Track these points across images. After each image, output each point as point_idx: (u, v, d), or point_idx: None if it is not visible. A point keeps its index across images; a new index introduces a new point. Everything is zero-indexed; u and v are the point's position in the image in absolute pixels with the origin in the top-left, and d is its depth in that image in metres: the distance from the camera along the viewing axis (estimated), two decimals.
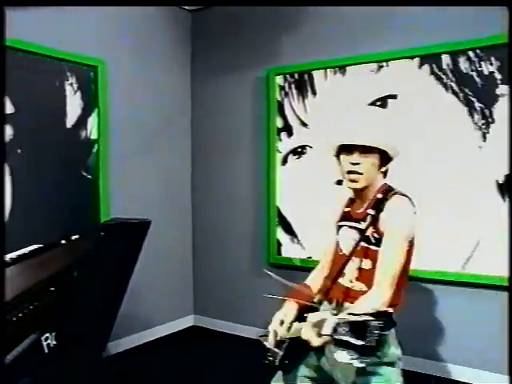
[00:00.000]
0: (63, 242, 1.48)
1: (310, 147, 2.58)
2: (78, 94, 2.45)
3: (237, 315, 2.96)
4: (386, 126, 1.29)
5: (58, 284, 0.97)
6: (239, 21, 2.90)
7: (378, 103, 2.34)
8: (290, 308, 1.40)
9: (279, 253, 2.73)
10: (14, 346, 0.81)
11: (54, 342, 1.07)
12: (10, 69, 2.16)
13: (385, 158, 1.30)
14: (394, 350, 1.26)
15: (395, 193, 1.30)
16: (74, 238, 1.54)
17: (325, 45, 2.55)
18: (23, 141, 2.23)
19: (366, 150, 1.25)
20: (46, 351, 1.06)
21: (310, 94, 2.57)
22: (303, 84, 2.58)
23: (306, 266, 2.58)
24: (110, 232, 0.94)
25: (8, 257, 1.31)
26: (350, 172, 1.29)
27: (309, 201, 2.58)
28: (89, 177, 2.51)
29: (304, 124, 2.60)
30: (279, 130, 2.69)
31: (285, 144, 2.67)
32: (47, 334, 1.05)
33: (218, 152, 3.03)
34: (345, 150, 1.30)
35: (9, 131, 2.18)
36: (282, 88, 2.67)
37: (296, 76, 2.61)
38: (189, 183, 3.16)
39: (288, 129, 2.66)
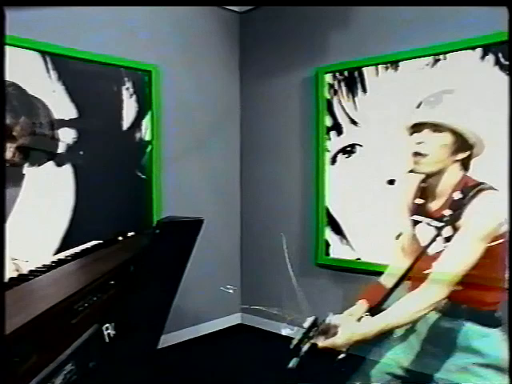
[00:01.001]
0: (120, 238, 1.58)
1: (361, 146, 2.52)
2: (134, 97, 2.58)
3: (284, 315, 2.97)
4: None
5: (117, 278, 1.03)
6: (287, 20, 2.89)
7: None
8: (359, 306, 1.37)
9: (327, 253, 2.70)
10: (81, 334, 0.87)
11: (114, 332, 1.13)
12: (74, 77, 2.33)
13: (462, 143, 1.14)
14: (499, 353, 1.15)
15: (481, 189, 1.14)
16: (129, 234, 1.63)
17: (375, 40, 2.46)
18: (85, 143, 2.38)
19: (433, 128, 1.14)
20: (107, 340, 1.12)
21: (360, 91, 2.51)
22: (353, 81, 2.53)
23: (356, 268, 2.53)
24: (165, 229, 0.99)
25: (72, 251, 1.41)
26: (414, 154, 1.19)
27: (359, 201, 2.52)
28: (143, 176, 2.63)
29: (354, 122, 2.54)
30: (328, 129, 2.65)
31: (334, 143, 2.63)
32: (107, 324, 1.12)
33: (266, 152, 3.05)
34: (413, 129, 1.20)
35: (72, 134, 2.34)
36: (331, 86, 2.63)
37: (346, 73, 2.56)
38: (238, 183, 3.21)
39: (337, 127, 2.61)
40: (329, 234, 2.68)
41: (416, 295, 1.19)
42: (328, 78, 2.64)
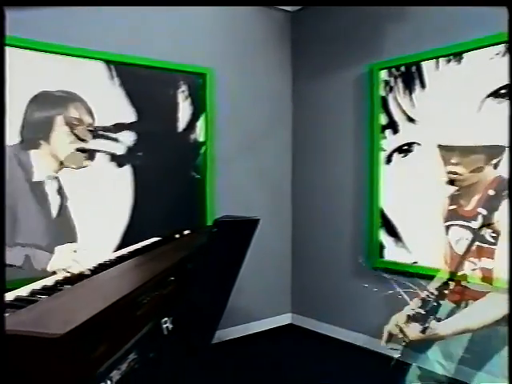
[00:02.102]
0: (177, 236, 1.64)
1: (418, 144, 2.41)
2: (189, 100, 2.66)
3: (335, 317, 2.92)
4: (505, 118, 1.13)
5: (176, 274, 1.07)
6: (339, 17, 2.84)
7: (502, 91, 2.06)
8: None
9: (381, 256, 2.61)
10: (143, 326, 0.92)
11: (171, 326, 1.18)
12: (134, 83, 2.45)
13: (495, 151, 1.14)
14: None
15: None
16: (186, 232, 1.69)
17: (435, 31, 2.32)
18: (143, 144, 2.50)
19: (467, 150, 1.12)
20: (165, 333, 1.17)
21: (418, 87, 2.39)
22: (411, 77, 2.42)
23: (412, 272, 2.42)
24: (221, 228, 1.01)
25: (134, 247, 1.49)
26: (449, 172, 1.17)
27: (416, 202, 2.41)
28: (197, 176, 2.71)
29: (411, 120, 2.43)
30: (383, 128, 2.56)
31: (389, 142, 2.54)
32: (166, 318, 1.16)
33: (318, 152, 3.02)
34: (445, 149, 1.18)
35: (132, 137, 2.47)
36: (386, 83, 2.54)
37: (402, 69, 2.46)
38: (289, 183, 3.21)
39: (393, 126, 2.52)
40: (383, 236, 2.59)
41: (494, 301, 1.13)
42: (383, 74, 2.55)
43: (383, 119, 2.56)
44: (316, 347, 2.81)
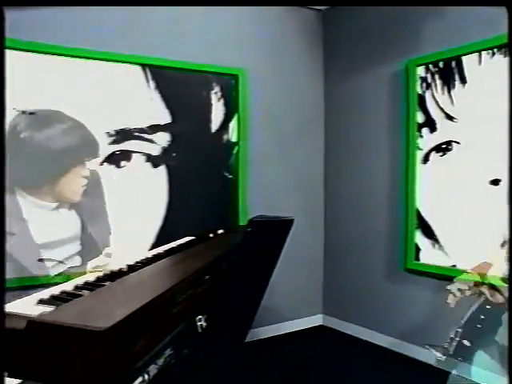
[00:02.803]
0: (211, 235, 1.66)
1: (457, 143, 2.32)
2: (222, 101, 2.70)
3: (367, 320, 2.86)
4: None
5: (211, 273, 1.09)
6: (372, 15, 2.78)
7: None
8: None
9: (417, 258, 2.54)
10: (179, 323, 0.94)
11: (205, 324, 1.20)
12: (168, 85, 2.51)
13: None
14: None
15: None
16: (219, 232, 1.71)
17: (478, 23, 2.20)
18: (177, 145, 2.56)
19: None
20: (200, 331, 1.19)
21: (457, 83, 2.30)
22: (450, 72, 2.32)
23: (450, 276, 2.34)
24: (256, 228, 1.02)
25: (169, 246, 1.53)
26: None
27: (455, 203, 2.32)
28: (230, 176, 2.74)
29: (450, 117, 2.34)
30: (420, 126, 2.49)
31: (426, 141, 2.46)
32: (200, 316, 1.18)
33: (351, 151, 2.98)
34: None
35: (167, 138, 2.53)
36: (423, 80, 2.46)
37: (441, 65, 2.37)
38: (322, 183, 3.18)
39: (430, 124, 2.44)
40: (419, 238, 2.52)
41: None
42: (420, 70, 2.47)
43: (420, 117, 2.48)
44: (347, 349, 2.77)
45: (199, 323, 1.17)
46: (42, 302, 0.85)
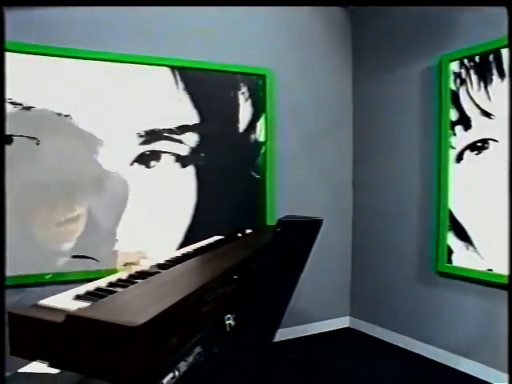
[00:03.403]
0: (239, 234, 1.67)
1: (495, 141, 2.23)
2: (249, 101, 2.71)
3: (396, 323, 2.80)
4: None
5: (239, 273, 1.09)
6: (402, 10, 2.71)
7: None
8: None
9: (449, 261, 2.46)
10: (208, 321, 0.95)
11: (233, 323, 1.21)
12: (197, 86, 2.55)
13: None
14: None
15: None
16: (247, 231, 1.72)
17: None
18: (205, 146, 2.59)
19: None
20: (228, 330, 1.20)
21: (495, 77, 2.20)
22: (487, 67, 2.23)
23: (485, 280, 2.25)
24: (285, 228, 1.02)
25: (198, 245, 1.54)
26: None
27: (492, 204, 2.22)
28: (257, 176, 2.75)
29: (486, 114, 2.25)
30: (453, 124, 2.41)
31: (460, 139, 2.38)
32: (229, 316, 1.19)
33: (381, 150, 2.92)
34: None
35: (195, 138, 2.56)
36: (457, 76, 2.38)
37: (476, 59, 2.29)
38: (350, 183, 3.14)
39: (465, 121, 2.35)
40: (452, 240, 2.44)
41: None
42: (454, 66, 2.39)
43: (453, 114, 2.40)
44: (374, 352, 2.72)
45: (227, 322, 1.18)
46: (78, 297, 0.88)
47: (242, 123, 2.70)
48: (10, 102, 2.11)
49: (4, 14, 0.88)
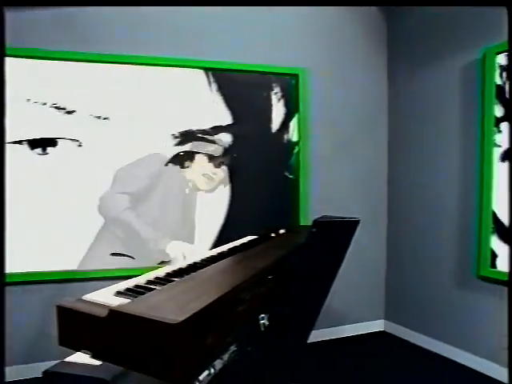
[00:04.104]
0: (273, 234, 1.67)
1: None
2: (282, 101, 2.70)
3: (432, 329, 2.70)
4: None
5: (274, 273, 1.09)
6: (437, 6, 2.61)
7: None
8: None
9: (493, 265, 2.34)
10: (243, 320, 0.96)
11: (267, 323, 1.21)
12: (230, 87, 2.57)
13: None
14: None
15: None
16: (281, 231, 1.71)
17: None
18: (238, 146, 2.60)
19: None
20: (262, 329, 1.20)
21: None
22: None
23: None
24: (321, 228, 1.01)
25: (232, 245, 1.56)
26: None
27: None
28: (290, 176, 2.74)
29: None
30: (498, 120, 2.29)
31: (506, 136, 2.26)
32: (263, 315, 1.19)
33: (417, 150, 2.82)
34: None
35: (228, 139, 2.59)
36: (503, 69, 2.26)
37: None
38: (385, 183, 3.06)
39: (511, 118, 2.23)
40: (495, 243, 2.32)
41: None
42: (500, 59, 2.27)
43: (498, 111, 2.29)
44: (408, 358, 2.64)
45: (262, 322, 1.18)
46: (119, 293, 0.91)
47: (275, 123, 2.69)
48: (55, 107, 2.22)
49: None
